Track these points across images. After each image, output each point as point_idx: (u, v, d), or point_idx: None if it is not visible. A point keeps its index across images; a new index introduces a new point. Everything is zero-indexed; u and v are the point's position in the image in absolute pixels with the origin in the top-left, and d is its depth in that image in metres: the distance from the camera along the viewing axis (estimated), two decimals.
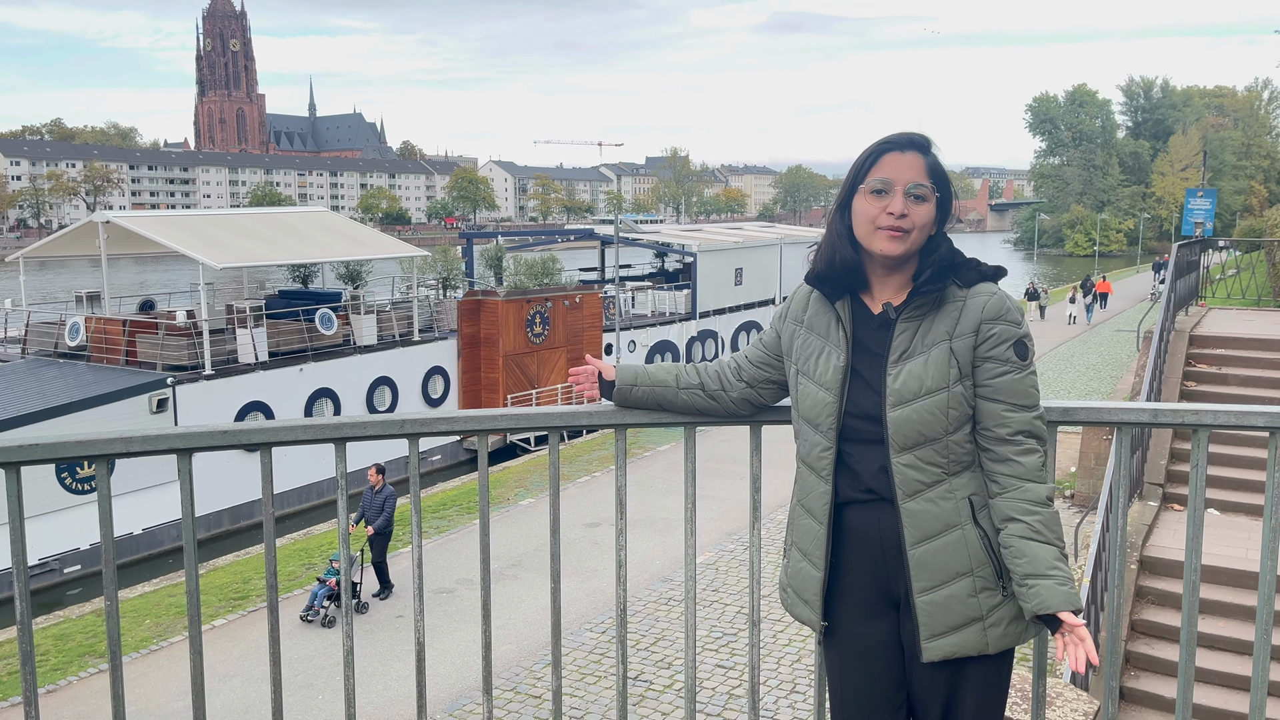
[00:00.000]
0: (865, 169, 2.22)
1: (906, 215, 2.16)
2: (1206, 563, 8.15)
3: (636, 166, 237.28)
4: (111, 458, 2.23)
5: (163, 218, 26.67)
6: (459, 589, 13.45)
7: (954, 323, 2.17)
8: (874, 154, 2.22)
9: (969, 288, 2.20)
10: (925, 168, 2.20)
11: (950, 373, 2.15)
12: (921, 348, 2.17)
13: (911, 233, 2.18)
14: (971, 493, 2.19)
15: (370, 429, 2.41)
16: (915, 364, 2.16)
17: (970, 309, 2.17)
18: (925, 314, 2.19)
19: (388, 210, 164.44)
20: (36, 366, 22.21)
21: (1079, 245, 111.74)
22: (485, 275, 33.62)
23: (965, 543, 2.17)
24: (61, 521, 17.86)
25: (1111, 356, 30.94)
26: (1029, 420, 2.17)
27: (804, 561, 2.33)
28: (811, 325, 2.32)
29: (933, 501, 2.17)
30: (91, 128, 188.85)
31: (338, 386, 24.03)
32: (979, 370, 2.17)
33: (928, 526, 2.17)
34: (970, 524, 2.18)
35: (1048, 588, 2.09)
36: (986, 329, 2.16)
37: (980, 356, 2.17)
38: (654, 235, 41.32)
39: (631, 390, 2.50)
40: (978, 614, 2.17)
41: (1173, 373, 11.27)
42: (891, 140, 2.23)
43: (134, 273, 76.80)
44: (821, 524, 2.27)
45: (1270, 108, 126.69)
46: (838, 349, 2.25)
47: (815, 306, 2.33)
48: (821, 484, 2.27)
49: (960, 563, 2.17)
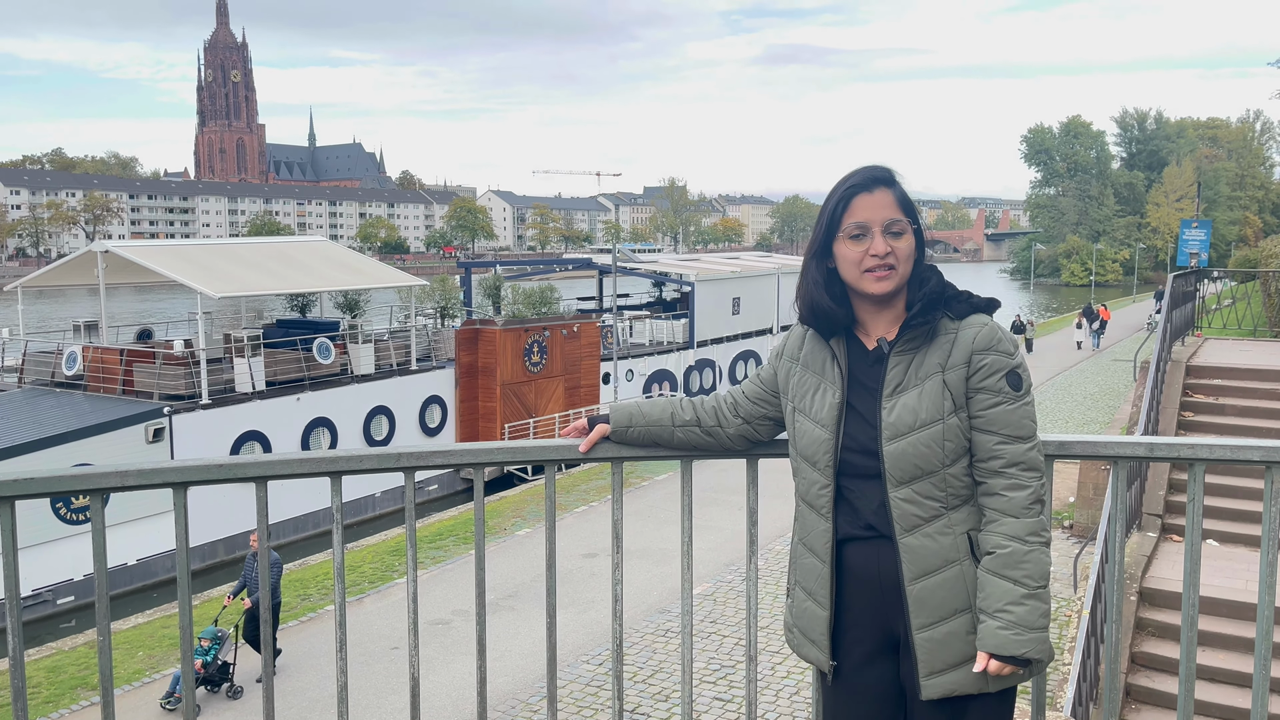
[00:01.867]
0: (838, 215, 2.23)
1: (890, 252, 2.18)
2: (1205, 594, 8.11)
3: (634, 196, 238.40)
4: (106, 491, 2.22)
5: (161, 247, 26.79)
6: (455, 620, 13.35)
7: (946, 355, 2.17)
8: (843, 199, 2.23)
9: (961, 319, 2.20)
10: (895, 202, 2.21)
11: (944, 404, 2.15)
12: (915, 380, 2.17)
13: (898, 267, 2.19)
14: (970, 528, 2.18)
15: (366, 462, 2.40)
16: (909, 397, 2.16)
17: (961, 340, 2.18)
18: (918, 347, 2.19)
19: (386, 239, 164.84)
20: (33, 396, 22.17)
21: (1075, 275, 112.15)
22: (483, 304, 33.70)
23: (964, 579, 2.16)
24: (55, 552, 17.74)
25: (1109, 386, 30.97)
26: (1022, 452, 2.15)
27: (809, 601, 2.31)
28: (807, 363, 2.34)
29: (931, 537, 2.15)
30: (92, 157, 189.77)
31: (335, 416, 23.99)
32: (972, 401, 2.16)
33: (926, 562, 2.16)
34: (969, 559, 2.16)
35: (987, 628, 2.11)
36: (978, 360, 2.16)
37: (973, 388, 2.16)
38: (652, 265, 41.47)
39: (627, 432, 2.49)
40: (976, 652, 2.15)
41: (1170, 403, 11.27)
42: (856, 182, 2.23)
43: (132, 302, 76.83)
44: (825, 562, 2.26)
45: (1263, 139, 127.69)
46: (833, 386, 2.26)
47: (811, 344, 2.35)
48: (822, 522, 2.26)
49: (959, 599, 2.16)
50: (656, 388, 33.57)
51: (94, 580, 2.26)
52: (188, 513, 2.30)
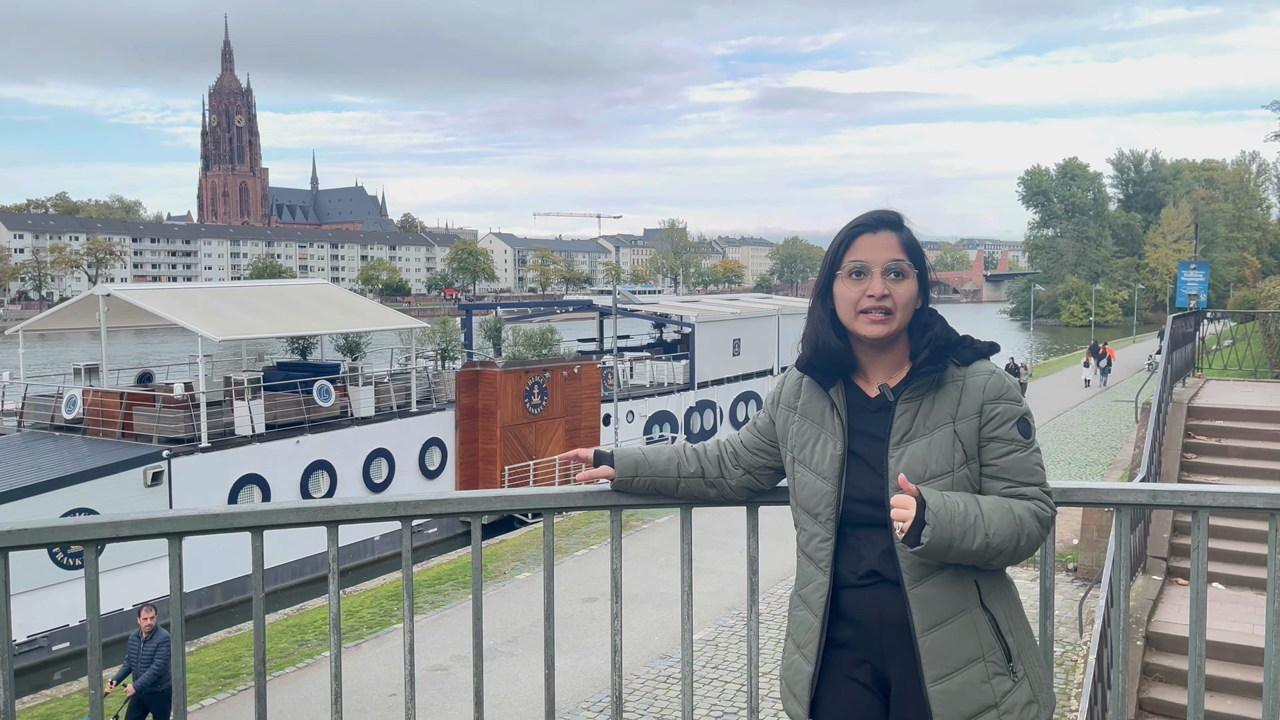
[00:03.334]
0: (840, 253, 2.22)
1: (888, 295, 2.15)
2: (1211, 639, 8.03)
3: (635, 238, 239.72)
4: (100, 542, 2.20)
5: (163, 290, 26.89)
6: (454, 666, 13.20)
7: (955, 404, 2.15)
8: (847, 238, 2.22)
9: (966, 366, 2.18)
10: (900, 244, 2.20)
11: (955, 456, 2.13)
12: (924, 430, 2.15)
13: (895, 313, 2.16)
14: (978, 575, 2.15)
15: (363, 511, 2.39)
16: (918, 446, 2.14)
17: (970, 389, 2.16)
18: (925, 394, 2.17)
19: (388, 281, 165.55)
20: (32, 440, 22.12)
21: (1075, 316, 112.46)
22: (484, 346, 33.71)
23: (975, 626, 2.13)
24: (51, 598, 17.60)
25: (1111, 427, 30.90)
26: (1036, 495, 2.15)
27: (797, 654, 2.29)
28: (806, 412, 2.30)
29: (940, 585, 2.12)
30: (95, 201, 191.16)
31: (334, 459, 23.91)
32: (984, 450, 2.15)
33: (938, 612, 2.12)
34: (979, 607, 2.14)
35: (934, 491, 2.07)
36: (989, 409, 2.14)
37: (985, 437, 2.14)
38: (652, 306, 41.59)
39: (632, 482, 2.48)
40: (992, 701, 2.11)
41: (1172, 444, 11.24)
42: (862, 223, 2.23)
43: (134, 345, 76.98)
44: (817, 616, 2.23)
45: (1259, 181, 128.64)
46: (834, 437, 2.23)
47: (808, 392, 2.31)
48: (819, 575, 2.23)
49: (972, 647, 2.12)
50: (657, 429, 33.50)
51: (88, 629, 2.23)
52: (182, 563, 2.28)
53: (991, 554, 2.07)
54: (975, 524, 2.04)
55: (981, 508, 2.07)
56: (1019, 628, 2.20)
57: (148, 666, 10.35)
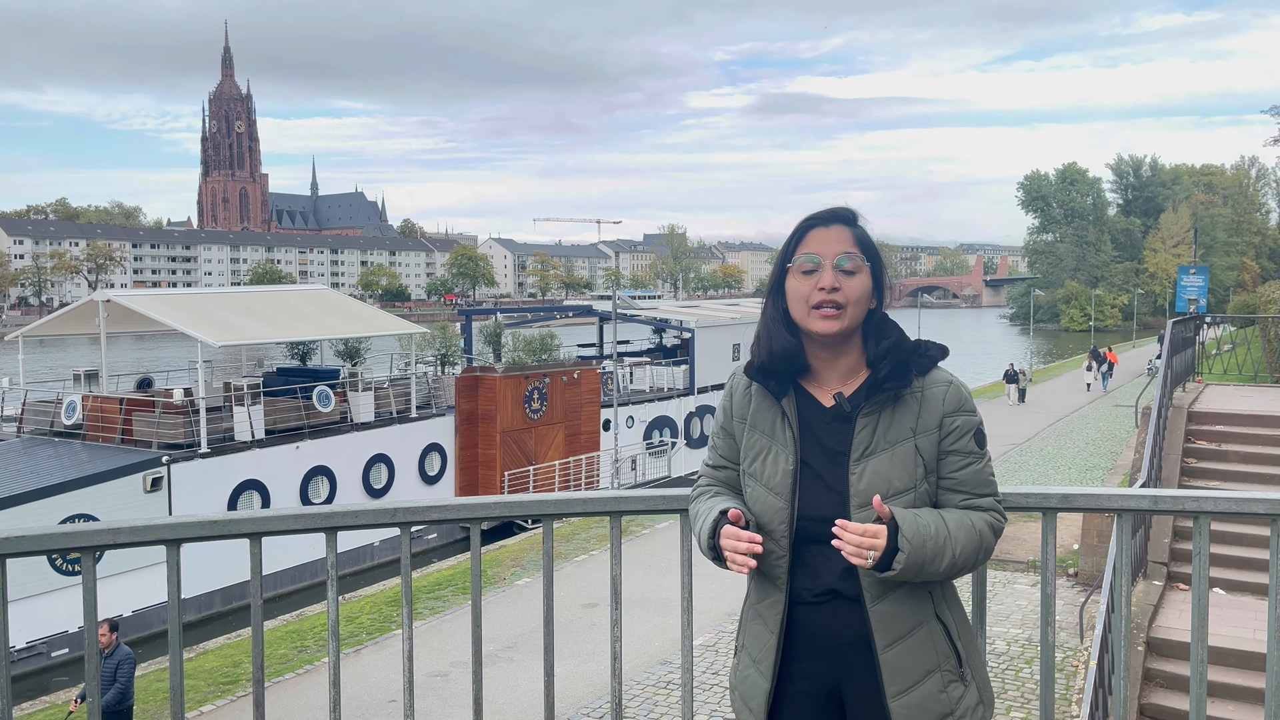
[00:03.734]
0: (792, 248, 2.16)
1: (839, 289, 2.09)
2: (1213, 644, 8.02)
3: (634, 244, 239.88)
4: (98, 549, 2.19)
5: (162, 296, 26.89)
6: (453, 672, 13.18)
7: (915, 417, 2.11)
8: (799, 232, 2.17)
9: (924, 376, 2.14)
10: (852, 239, 2.14)
11: (917, 471, 2.09)
12: (884, 444, 2.09)
13: (846, 308, 2.10)
14: (933, 586, 2.13)
15: (361, 518, 2.38)
16: (879, 462, 2.09)
17: (930, 400, 2.12)
18: (884, 407, 2.12)
19: (387, 287, 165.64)
20: (31, 445, 22.10)
21: (1075, 320, 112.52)
22: (484, 351, 33.71)
23: (932, 637, 2.12)
24: (50, 603, 17.56)
25: (1111, 432, 30.90)
26: (991, 505, 2.16)
27: (752, 668, 2.23)
28: (756, 423, 2.21)
29: (900, 601, 2.09)
30: (95, 207, 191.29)
31: (334, 464, 23.89)
32: (943, 463, 2.13)
33: (897, 628, 2.09)
34: (934, 619, 2.13)
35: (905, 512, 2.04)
36: (949, 422, 2.12)
37: (944, 450, 2.12)
38: (652, 311, 41.57)
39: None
40: (949, 709, 2.11)
41: (1172, 450, 11.23)
42: (815, 216, 2.18)
43: (133, 350, 76.98)
44: (773, 633, 2.17)
45: (1259, 185, 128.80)
46: (785, 450, 2.15)
47: (758, 401, 2.22)
48: (775, 591, 2.16)
49: (930, 659, 2.11)
50: (657, 434, 33.50)
51: (85, 637, 2.22)
52: (180, 569, 2.27)
53: (955, 572, 2.07)
54: (944, 545, 2.03)
55: (949, 527, 2.05)
56: (965, 631, 2.20)
57: (111, 684, 10.15)
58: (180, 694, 2.28)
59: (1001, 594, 14.62)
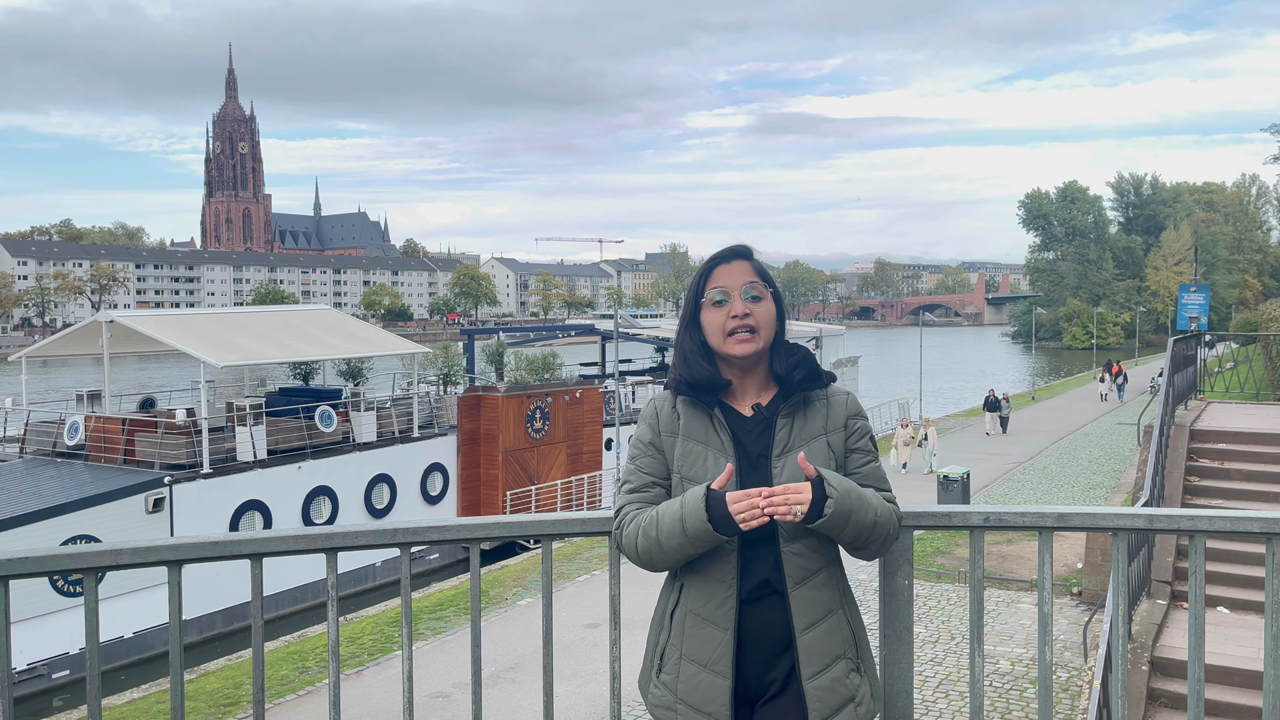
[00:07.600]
0: (701, 285, 2.44)
1: (750, 314, 2.35)
2: (1217, 663, 7.99)
3: (636, 263, 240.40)
4: (100, 570, 2.21)
5: (165, 317, 26.87)
6: (455, 693, 13.13)
7: (824, 419, 2.39)
8: (706, 271, 2.46)
9: (825, 388, 2.43)
10: (754, 271, 2.42)
11: (830, 464, 2.33)
12: (800, 442, 2.34)
13: (759, 330, 2.36)
14: (839, 578, 2.36)
15: (362, 539, 2.39)
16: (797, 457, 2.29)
17: (835, 405, 2.42)
18: (796, 411, 2.38)
19: (390, 307, 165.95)
20: (34, 466, 22.11)
21: (1076, 338, 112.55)
22: (486, 371, 33.71)
23: (840, 626, 2.32)
24: (52, 625, 17.53)
25: (1113, 450, 30.84)
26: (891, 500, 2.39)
27: (704, 673, 2.33)
28: (689, 433, 2.39)
29: (816, 589, 2.29)
30: (99, 228, 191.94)
31: (336, 484, 23.87)
32: (849, 460, 2.40)
33: (813, 613, 2.28)
34: (842, 609, 2.34)
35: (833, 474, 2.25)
36: (852, 423, 2.42)
37: (850, 448, 2.40)
38: (654, 330, 41.61)
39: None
40: (851, 694, 2.29)
41: (1175, 468, 11.21)
42: (718, 255, 2.47)
43: (136, 371, 77.08)
44: (726, 629, 2.30)
45: (1259, 203, 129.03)
46: (722, 453, 2.34)
47: (687, 413, 2.41)
48: (723, 589, 2.31)
49: (838, 646, 2.30)
50: None
51: (87, 658, 2.23)
52: (182, 590, 2.28)
53: (878, 533, 2.27)
54: (867, 501, 2.25)
55: (862, 491, 2.27)
56: (860, 625, 2.41)
57: None
58: (181, 715, 2.29)
59: (1005, 613, 14.56)
